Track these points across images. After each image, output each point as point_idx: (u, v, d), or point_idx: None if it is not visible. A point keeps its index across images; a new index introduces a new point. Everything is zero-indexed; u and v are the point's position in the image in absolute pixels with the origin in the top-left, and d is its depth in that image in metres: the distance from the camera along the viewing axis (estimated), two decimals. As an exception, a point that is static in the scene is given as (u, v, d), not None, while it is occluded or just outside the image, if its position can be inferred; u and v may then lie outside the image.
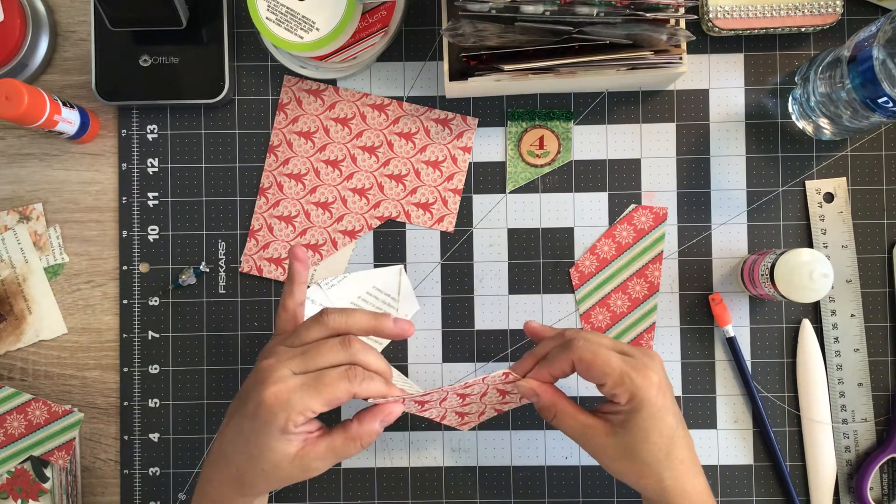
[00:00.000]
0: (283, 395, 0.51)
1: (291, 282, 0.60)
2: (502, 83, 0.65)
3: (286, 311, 0.59)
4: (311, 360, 0.53)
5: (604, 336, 0.58)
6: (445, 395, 0.56)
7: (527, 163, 0.70)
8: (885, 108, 0.59)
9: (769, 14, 0.67)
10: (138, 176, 0.71)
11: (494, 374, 0.56)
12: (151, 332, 0.71)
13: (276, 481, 0.54)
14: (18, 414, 0.70)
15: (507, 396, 0.61)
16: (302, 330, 0.56)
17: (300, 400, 0.51)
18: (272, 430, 0.52)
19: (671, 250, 0.70)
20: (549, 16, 0.58)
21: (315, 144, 0.71)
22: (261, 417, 0.52)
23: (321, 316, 0.55)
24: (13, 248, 0.71)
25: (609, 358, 0.54)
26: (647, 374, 0.54)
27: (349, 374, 0.52)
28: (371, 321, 0.56)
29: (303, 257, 0.60)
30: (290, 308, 0.59)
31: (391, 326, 0.57)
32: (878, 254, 0.70)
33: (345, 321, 0.55)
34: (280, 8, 0.63)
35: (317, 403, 0.51)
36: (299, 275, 0.60)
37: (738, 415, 0.70)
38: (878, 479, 0.68)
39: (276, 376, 0.52)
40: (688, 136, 0.70)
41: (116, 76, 0.69)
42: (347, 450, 0.54)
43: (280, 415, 0.51)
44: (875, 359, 0.69)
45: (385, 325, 0.57)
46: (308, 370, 0.53)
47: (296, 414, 0.51)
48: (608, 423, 0.56)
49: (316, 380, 0.52)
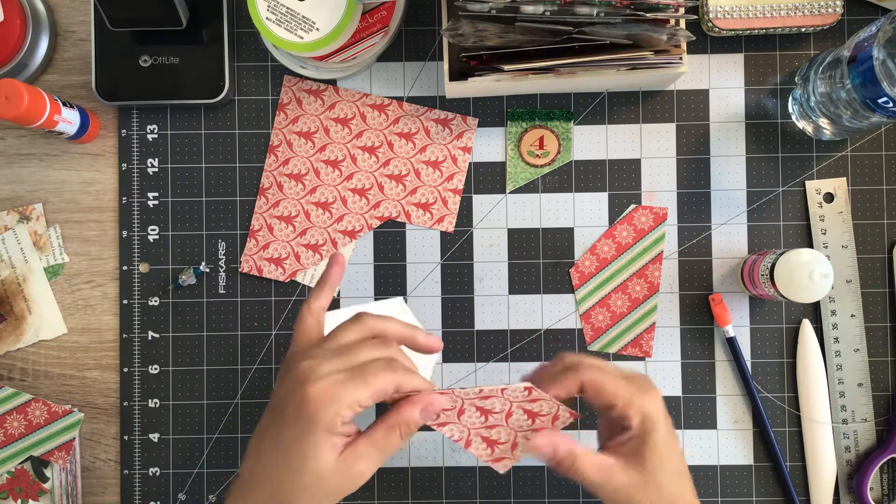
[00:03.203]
0: (329, 389, 0.49)
1: (323, 285, 0.58)
2: (502, 83, 0.65)
3: (311, 313, 0.57)
4: (352, 357, 0.51)
5: (604, 361, 0.57)
6: (462, 405, 0.54)
7: (527, 163, 0.70)
8: (885, 109, 0.59)
9: (769, 14, 0.67)
10: (138, 176, 0.71)
11: (515, 388, 0.53)
12: (151, 332, 0.71)
13: (321, 497, 0.50)
14: (18, 414, 0.70)
15: (537, 420, 0.56)
16: (339, 331, 0.54)
17: (347, 392, 0.49)
18: (317, 429, 0.49)
19: (671, 250, 0.70)
20: (549, 16, 0.58)
21: (315, 144, 0.71)
22: (304, 417, 0.49)
23: (359, 317, 0.55)
24: (13, 248, 0.71)
25: (617, 380, 0.54)
26: (654, 396, 0.54)
27: (392, 365, 0.51)
28: (406, 329, 0.56)
29: (343, 263, 0.59)
30: (315, 310, 0.57)
31: (423, 339, 0.56)
32: (878, 254, 0.70)
33: (382, 325, 0.55)
34: (280, 8, 0.63)
35: (364, 395, 0.49)
36: (333, 280, 0.58)
37: (738, 415, 0.70)
38: (878, 479, 0.68)
39: (318, 374, 0.50)
40: (688, 136, 0.70)
41: (116, 76, 0.69)
42: (389, 442, 0.51)
43: (328, 409, 0.48)
44: (875, 359, 0.69)
45: (418, 336, 0.56)
46: (349, 367, 0.51)
47: (345, 407, 0.49)
48: (622, 457, 0.54)
49: (360, 372, 0.50)
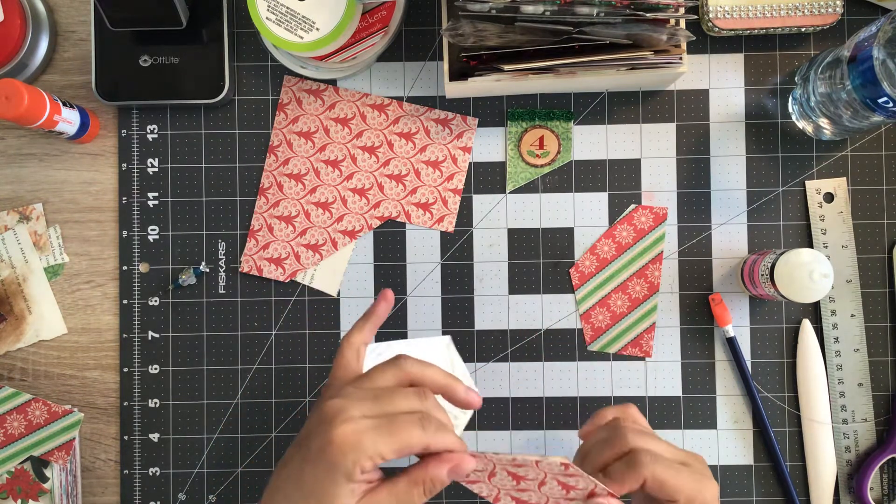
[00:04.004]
0: (353, 436, 0.47)
1: (367, 320, 0.57)
2: (502, 83, 0.65)
3: (351, 347, 0.56)
4: (384, 404, 0.49)
5: (659, 440, 0.54)
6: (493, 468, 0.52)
7: (527, 163, 0.70)
8: (885, 108, 0.59)
9: (769, 14, 0.67)
10: (138, 176, 0.71)
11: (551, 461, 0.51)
12: (151, 332, 0.71)
13: None
14: (18, 414, 0.70)
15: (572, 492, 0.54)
16: (375, 373, 0.52)
17: (371, 443, 0.47)
18: (337, 475, 0.47)
19: (671, 250, 0.70)
20: (549, 16, 0.58)
21: (315, 144, 0.71)
22: (326, 459, 0.47)
23: (398, 360, 0.52)
24: (13, 248, 0.71)
25: (679, 474, 0.52)
26: (710, 487, 0.53)
27: (423, 421, 0.48)
28: (446, 379, 0.53)
29: (391, 300, 0.58)
30: (356, 344, 0.56)
31: (463, 393, 0.53)
32: (878, 254, 0.70)
33: (421, 371, 0.52)
34: (280, 8, 0.63)
35: (388, 449, 0.47)
36: (379, 315, 0.57)
37: (738, 415, 0.70)
38: (878, 479, 0.68)
39: (346, 416, 0.48)
40: (688, 136, 0.70)
41: (116, 76, 0.69)
42: (411, 496, 0.49)
43: (348, 457, 0.47)
44: (875, 359, 0.69)
45: (458, 389, 0.53)
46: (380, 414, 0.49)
47: (365, 458, 0.47)
48: None
49: (389, 423, 0.48)
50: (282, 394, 0.70)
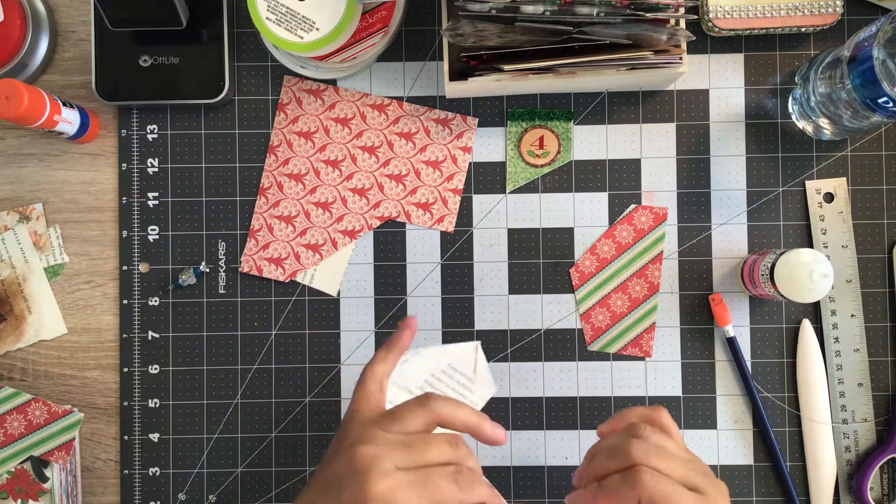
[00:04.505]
0: (388, 493, 0.46)
1: (390, 349, 0.55)
2: (502, 83, 0.65)
3: (374, 378, 0.54)
4: (418, 454, 0.48)
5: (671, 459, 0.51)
6: None
7: (527, 163, 0.70)
8: (885, 108, 0.59)
9: (769, 14, 0.67)
10: (138, 176, 0.71)
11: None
12: (151, 332, 0.71)
13: None
14: (18, 414, 0.70)
15: None
16: (405, 414, 0.50)
17: (404, 499, 0.46)
18: None
19: (671, 250, 0.70)
20: (549, 16, 0.58)
21: (315, 144, 0.71)
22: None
23: (427, 401, 0.50)
24: (13, 248, 0.71)
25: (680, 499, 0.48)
26: None
27: (458, 477, 0.47)
28: (475, 419, 0.52)
29: (414, 328, 0.56)
30: (379, 375, 0.54)
31: (490, 431, 0.52)
32: (878, 254, 0.70)
33: (451, 413, 0.50)
34: (280, 8, 0.63)
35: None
36: (403, 344, 0.56)
37: (738, 415, 0.70)
38: (878, 479, 0.68)
39: (382, 470, 0.46)
40: (688, 136, 0.70)
41: (116, 76, 0.69)
42: None
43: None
44: (875, 359, 0.69)
45: (485, 428, 0.52)
46: (414, 466, 0.47)
47: None
48: None
49: (424, 477, 0.47)
50: (282, 394, 0.70)
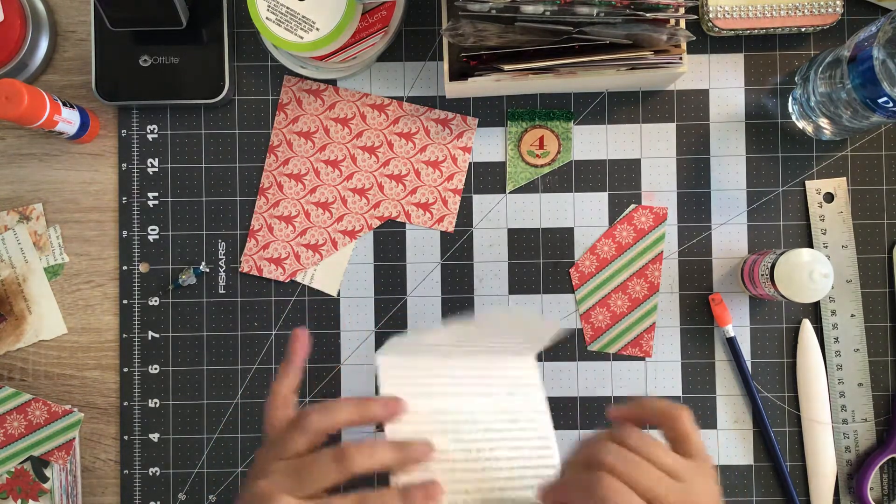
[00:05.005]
0: None
1: (287, 364, 0.54)
2: (502, 83, 0.65)
3: (276, 397, 0.53)
4: (307, 482, 0.48)
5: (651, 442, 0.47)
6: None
7: (527, 163, 0.70)
8: (885, 108, 0.59)
9: (769, 14, 0.67)
10: (138, 176, 0.71)
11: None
12: (151, 332, 0.71)
13: None
14: (18, 414, 0.70)
15: None
16: (286, 441, 0.49)
17: None
18: None
19: (671, 250, 0.70)
20: (549, 16, 0.58)
21: (315, 144, 0.71)
22: None
23: (301, 421, 0.49)
24: (13, 248, 0.71)
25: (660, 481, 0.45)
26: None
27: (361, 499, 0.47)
28: (356, 414, 0.50)
29: (304, 340, 0.54)
30: (281, 394, 0.53)
31: (380, 411, 0.50)
32: (878, 254, 0.70)
33: (327, 421, 0.49)
34: (280, 8, 0.63)
35: None
36: (298, 358, 0.54)
37: (738, 415, 0.70)
38: (878, 479, 0.68)
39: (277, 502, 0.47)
40: (688, 136, 0.70)
41: (116, 76, 0.69)
42: None
43: None
44: (875, 359, 0.69)
45: (373, 412, 0.50)
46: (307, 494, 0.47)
47: None
48: None
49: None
50: (282, 394, 0.70)
